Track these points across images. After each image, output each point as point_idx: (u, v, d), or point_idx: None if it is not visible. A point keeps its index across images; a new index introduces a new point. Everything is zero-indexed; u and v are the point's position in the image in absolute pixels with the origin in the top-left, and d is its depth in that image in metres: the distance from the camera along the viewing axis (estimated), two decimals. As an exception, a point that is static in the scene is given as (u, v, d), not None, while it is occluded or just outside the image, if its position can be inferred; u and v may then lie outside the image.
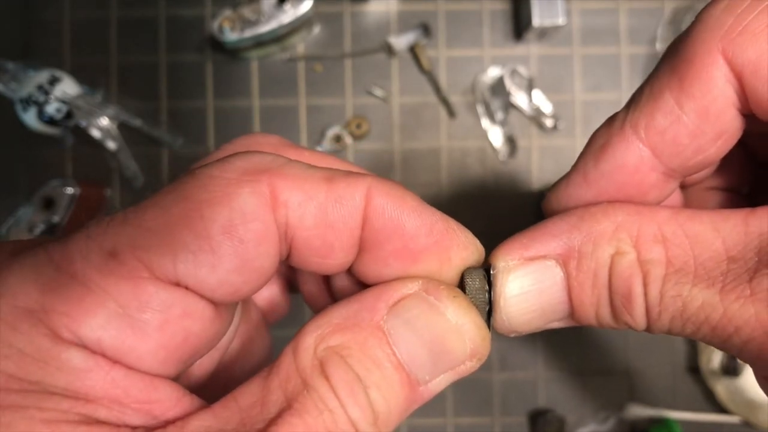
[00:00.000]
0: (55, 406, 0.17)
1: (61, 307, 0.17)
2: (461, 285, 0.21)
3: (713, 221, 0.19)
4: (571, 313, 0.21)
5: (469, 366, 0.20)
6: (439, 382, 0.20)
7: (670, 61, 0.20)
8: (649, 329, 0.20)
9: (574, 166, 0.22)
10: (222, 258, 0.18)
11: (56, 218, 0.50)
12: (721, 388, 0.54)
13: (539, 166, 0.56)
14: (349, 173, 0.20)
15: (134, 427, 0.17)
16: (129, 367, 0.18)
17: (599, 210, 0.20)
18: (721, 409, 0.54)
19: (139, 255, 0.17)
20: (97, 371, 0.17)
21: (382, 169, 0.56)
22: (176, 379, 0.19)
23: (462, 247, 0.21)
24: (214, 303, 0.19)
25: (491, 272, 0.21)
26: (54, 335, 0.17)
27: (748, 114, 0.20)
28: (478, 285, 0.21)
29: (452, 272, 0.21)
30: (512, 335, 0.22)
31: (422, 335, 0.19)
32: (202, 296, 0.18)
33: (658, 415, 0.55)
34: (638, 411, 0.55)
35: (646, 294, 0.19)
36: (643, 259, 0.19)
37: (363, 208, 0.20)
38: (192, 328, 0.18)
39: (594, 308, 0.20)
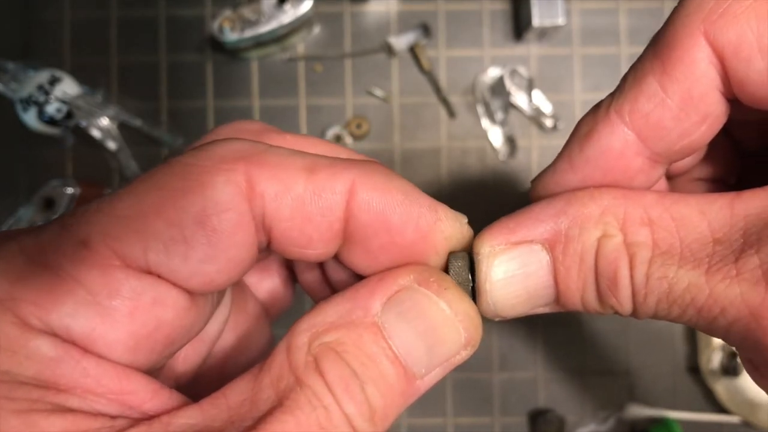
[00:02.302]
0: (26, 395, 0.16)
1: (30, 296, 0.17)
2: (446, 269, 0.21)
3: (699, 204, 0.19)
4: (557, 298, 0.21)
5: (463, 355, 0.20)
6: (434, 375, 0.20)
7: (653, 46, 0.20)
8: (635, 313, 0.20)
9: (560, 153, 0.22)
10: (194, 248, 0.18)
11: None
12: (720, 387, 0.54)
13: (539, 166, 0.56)
14: (333, 162, 0.20)
15: (113, 416, 0.17)
16: (100, 356, 0.18)
17: (586, 194, 0.20)
18: (721, 408, 0.54)
19: (110, 243, 0.17)
20: (67, 360, 0.17)
21: (382, 169, 0.56)
22: (155, 371, 0.19)
23: (450, 237, 0.21)
24: (189, 292, 0.19)
25: (476, 257, 0.21)
26: (22, 324, 0.17)
27: (732, 98, 0.20)
28: (461, 269, 0.21)
29: (441, 260, 0.21)
30: (497, 319, 0.22)
31: (417, 328, 0.19)
32: (174, 285, 0.18)
33: (658, 415, 0.55)
34: (638, 411, 0.55)
35: (632, 277, 0.19)
36: (629, 241, 0.19)
37: (345, 201, 0.19)
38: (164, 317, 0.18)
39: (580, 292, 0.20)
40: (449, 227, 0.21)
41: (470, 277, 0.21)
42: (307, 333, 0.19)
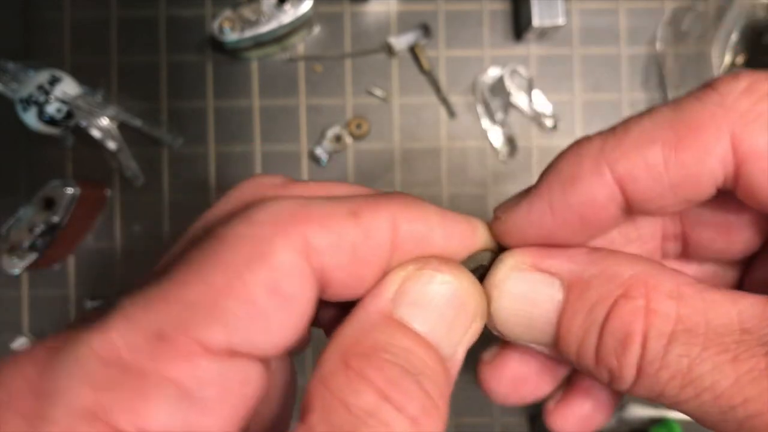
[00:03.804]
0: None
1: (119, 403, 0.16)
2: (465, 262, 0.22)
3: (732, 294, 0.19)
4: (556, 340, 0.21)
5: (476, 327, 0.21)
6: (460, 355, 0.20)
7: (671, 116, 0.20)
8: (633, 386, 0.19)
9: (537, 192, 0.21)
10: (272, 319, 0.18)
11: (56, 218, 0.50)
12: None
13: (539, 166, 0.56)
14: (369, 201, 0.20)
15: None
16: None
17: (624, 256, 0.20)
18: (721, 408, 0.54)
19: (190, 333, 0.17)
20: None
21: (382, 169, 0.56)
22: None
23: (485, 243, 0.22)
24: (266, 361, 0.19)
25: (498, 263, 0.21)
26: None
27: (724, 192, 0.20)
28: (475, 263, 0.22)
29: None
30: (494, 332, 0.22)
31: (431, 309, 0.20)
32: (255, 358, 0.18)
33: (659, 416, 0.55)
34: (638, 411, 0.55)
35: (645, 345, 0.18)
36: (651, 307, 0.19)
37: (391, 237, 0.20)
38: (252, 393, 0.18)
39: (579, 340, 0.20)
40: (484, 233, 0.22)
41: (481, 277, 0.22)
42: (335, 357, 0.19)
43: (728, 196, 0.20)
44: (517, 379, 0.24)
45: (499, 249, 0.22)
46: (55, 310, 0.55)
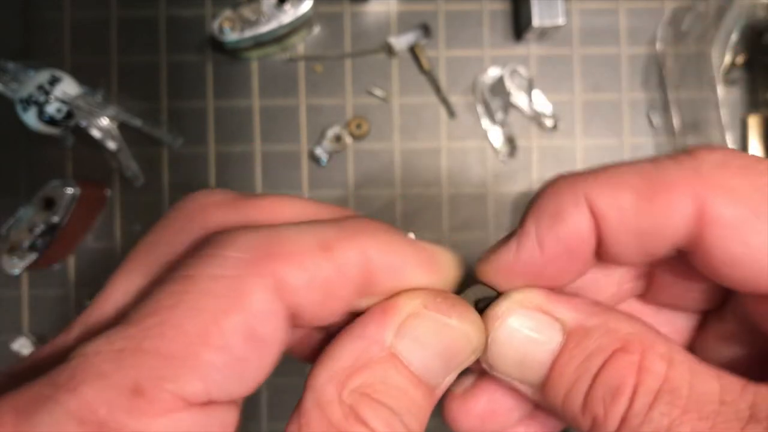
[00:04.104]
0: None
1: None
2: (459, 292, 0.22)
3: (717, 370, 0.19)
4: (544, 382, 0.21)
5: (472, 359, 0.21)
6: (449, 381, 0.21)
7: (649, 169, 0.20)
8: None
9: (524, 230, 0.21)
10: (249, 363, 0.18)
11: (56, 218, 0.50)
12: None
13: (539, 166, 0.56)
14: (339, 231, 0.20)
15: None
16: None
17: (623, 314, 0.21)
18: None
19: (167, 387, 0.16)
20: None
21: (381, 169, 0.56)
22: None
23: (454, 271, 0.22)
24: (239, 401, 0.19)
25: (504, 297, 0.22)
26: None
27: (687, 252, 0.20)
28: (482, 297, 0.22)
29: (446, 287, 0.22)
30: (483, 365, 0.22)
31: (433, 348, 0.20)
32: (231, 402, 0.18)
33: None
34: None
35: (633, 399, 0.19)
36: (644, 365, 0.19)
37: (363, 270, 0.20)
38: None
39: (569, 385, 0.20)
40: (454, 265, 0.22)
41: (481, 309, 0.22)
42: (332, 383, 0.19)
43: (688, 261, 0.21)
44: (485, 415, 0.25)
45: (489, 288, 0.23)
46: (55, 310, 0.55)
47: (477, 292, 0.22)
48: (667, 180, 0.20)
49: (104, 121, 0.52)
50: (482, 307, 0.22)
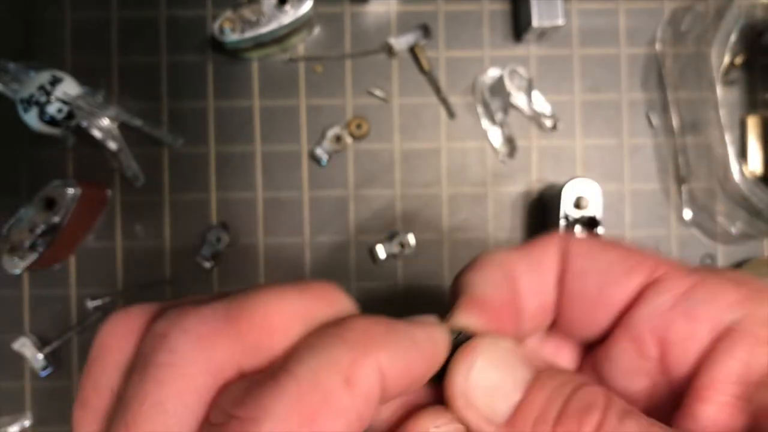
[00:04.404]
0: None
1: None
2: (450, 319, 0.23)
3: (668, 429, 0.20)
4: (513, 413, 0.21)
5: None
6: None
7: (611, 251, 0.24)
8: None
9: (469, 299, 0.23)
10: None
11: (57, 218, 0.51)
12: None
13: (539, 166, 0.56)
14: (354, 352, 0.19)
15: None
16: None
17: (583, 377, 0.22)
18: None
19: None
20: None
21: (381, 169, 0.56)
22: None
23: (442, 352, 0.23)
24: None
25: (479, 335, 0.22)
26: None
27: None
28: (459, 332, 0.22)
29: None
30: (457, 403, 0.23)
31: None
32: None
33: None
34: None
35: (605, 413, 0.20)
36: (611, 396, 0.20)
37: (381, 388, 0.20)
38: None
39: (542, 406, 0.21)
40: (446, 345, 0.23)
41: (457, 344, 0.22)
42: None
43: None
44: None
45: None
46: (55, 310, 0.55)
47: (457, 329, 0.23)
48: (539, 258, 0.25)
49: (105, 122, 0.52)
50: (458, 341, 0.22)
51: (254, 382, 0.18)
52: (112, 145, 0.52)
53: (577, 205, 0.49)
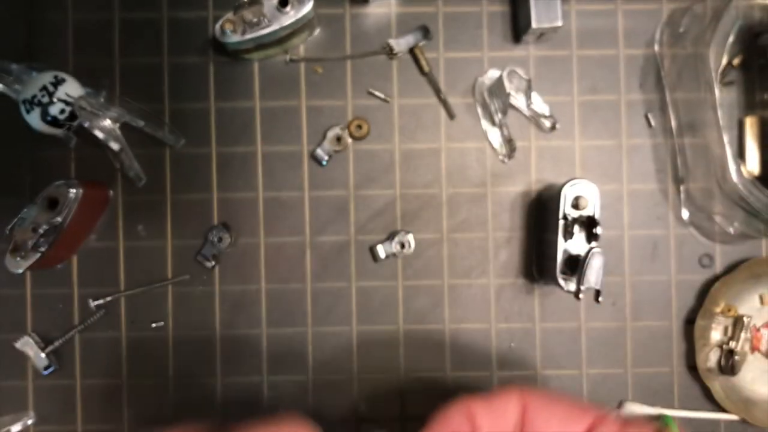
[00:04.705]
0: None
1: None
2: None
3: None
4: None
5: None
6: None
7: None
8: None
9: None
10: None
11: (59, 218, 0.51)
12: (717, 386, 0.55)
13: (538, 166, 0.56)
14: None
15: None
16: None
17: None
18: (718, 406, 0.55)
19: None
20: None
21: (381, 169, 0.56)
22: None
23: None
24: None
25: None
26: None
27: None
28: None
29: None
30: None
31: None
32: None
33: (656, 413, 0.55)
34: (636, 409, 0.55)
35: None
36: None
37: None
38: None
39: None
40: None
41: None
42: None
43: None
44: None
45: None
46: (58, 309, 0.56)
47: None
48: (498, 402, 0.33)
49: (107, 122, 0.53)
50: None
51: None
52: (114, 146, 0.53)
53: (576, 205, 0.49)
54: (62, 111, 0.51)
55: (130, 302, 0.56)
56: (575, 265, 0.49)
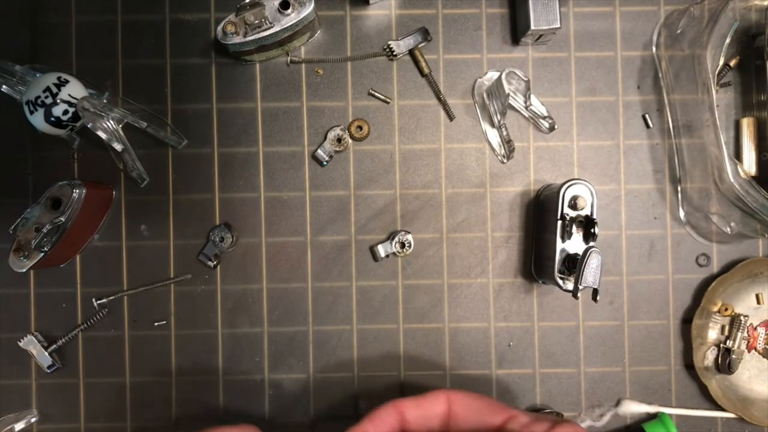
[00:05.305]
0: None
1: None
2: None
3: None
4: None
5: None
6: None
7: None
8: None
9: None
10: None
11: (63, 218, 0.51)
12: (714, 384, 0.55)
13: (536, 167, 0.57)
14: None
15: None
16: None
17: None
18: (715, 405, 0.55)
19: None
20: None
21: (382, 169, 0.57)
22: None
23: None
24: None
25: None
26: None
27: None
28: None
29: None
30: None
31: None
32: None
33: (653, 411, 0.56)
34: (633, 407, 0.56)
35: None
36: None
37: None
38: None
39: None
40: None
41: None
42: None
43: None
44: None
45: None
46: (61, 308, 0.56)
47: None
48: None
49: (110, 123, 0.53)
50: None
51: None
52: (117, 146, 0.53)
53: (574, 205, 0.50)
54: (65, 112, 0.51)
55: (133, 301, 0.56)
56: (573, 265, 0.49)
